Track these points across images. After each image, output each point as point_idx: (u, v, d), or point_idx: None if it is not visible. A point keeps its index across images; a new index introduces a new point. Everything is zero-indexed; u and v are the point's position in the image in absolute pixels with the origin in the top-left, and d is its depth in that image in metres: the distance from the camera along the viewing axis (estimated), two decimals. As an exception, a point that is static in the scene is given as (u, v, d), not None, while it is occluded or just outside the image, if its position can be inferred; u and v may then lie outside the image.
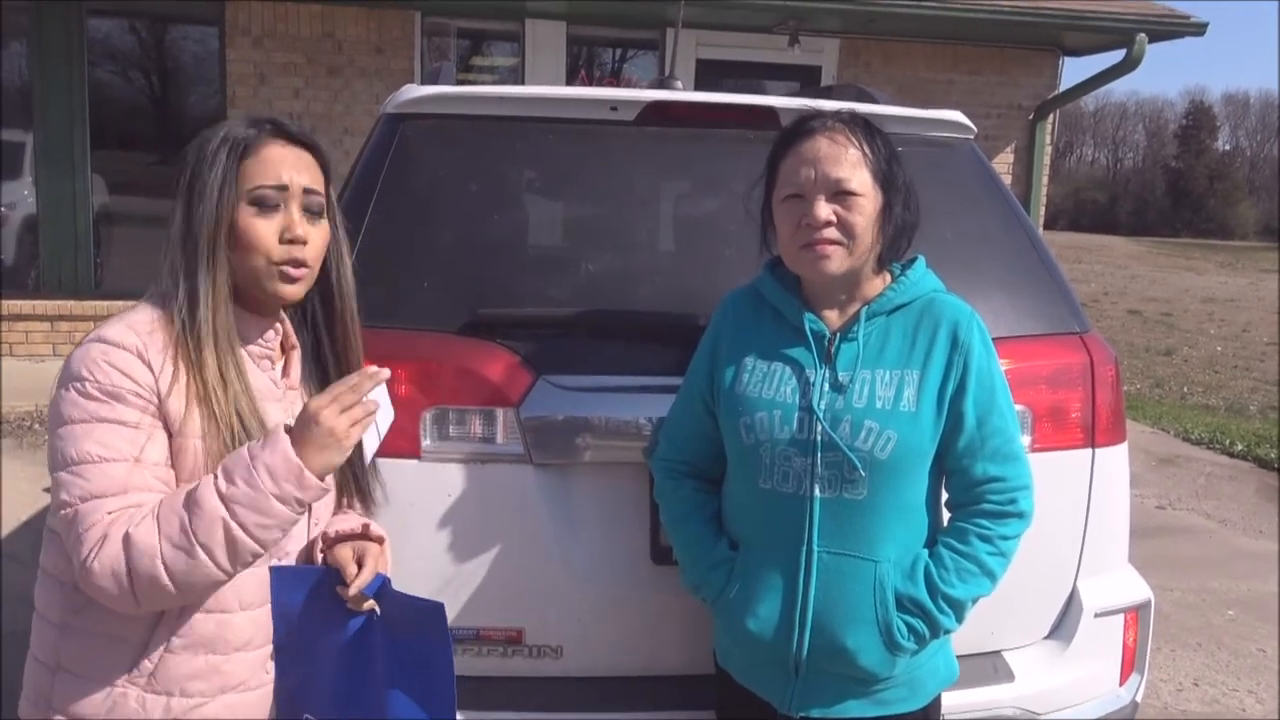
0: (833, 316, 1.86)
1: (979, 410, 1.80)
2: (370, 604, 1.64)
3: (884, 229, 1.80)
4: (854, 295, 1.85)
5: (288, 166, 1.57)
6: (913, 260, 1.90)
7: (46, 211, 8.28)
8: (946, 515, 1.88)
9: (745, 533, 1.89)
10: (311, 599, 1.62)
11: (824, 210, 1.75)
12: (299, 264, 1.57)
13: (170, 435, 1.49)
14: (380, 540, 1.68)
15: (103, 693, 1.50)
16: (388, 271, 2.19)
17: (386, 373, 1.51)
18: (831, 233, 1.76)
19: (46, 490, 5.38)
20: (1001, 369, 1.86)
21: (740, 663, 1.94)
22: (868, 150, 1.78)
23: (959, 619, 1.81)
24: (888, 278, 1.88)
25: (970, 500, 1.82)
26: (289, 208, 1.56)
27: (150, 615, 1.50)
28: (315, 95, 8.44)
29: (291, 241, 1.56)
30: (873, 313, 1.83)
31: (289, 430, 1.46)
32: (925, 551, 1.82)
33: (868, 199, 1.77)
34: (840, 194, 1.76)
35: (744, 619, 1.86)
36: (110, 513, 1.41)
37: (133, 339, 1.47)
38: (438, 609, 1.61)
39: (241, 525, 1.40)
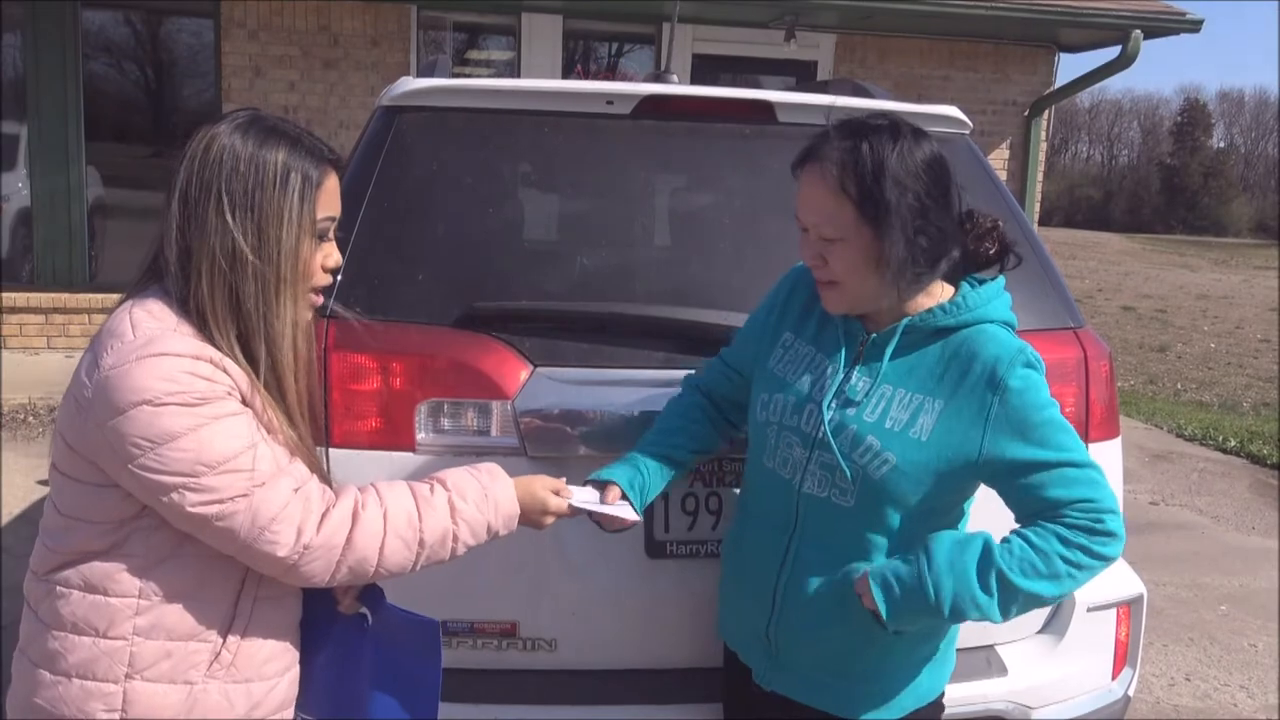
0: (876, 323, 1.78)
1: (1033, 450, 1.64)
2: (360, 608, 1.65)
3: (884, 260, 1.66)
4: (897, 310, 1.75)
5: (337, 197, 1.59)
6: (991, 279, 1.79)
7: (41, 204, 8.27)
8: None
9: (749, 505, 1.92)
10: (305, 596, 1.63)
11: (811, 255, 1.72)
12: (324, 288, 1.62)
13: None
14: None
15: (183, 692, 1.49)
16: (383, 264, 2.19)
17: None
18: (823, 274, 1.73)
19: (41, 483, 5.40)
20: (1055, 404, 1.69)
21: (731, 628, 1.97)
22: (849, 185, 1.64)
23: (960, 611, 1.63)
24: (948, 293, 1.76)
25: (1050, 520, 1.66)
26: (331, 238, 1.59)
27: (226, 609, 1.52)
28: (311, 88, 8.43)
29: (333, 269, 1.60)
30: (911, 327, 1.74)
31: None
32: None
33: (847, 242, 1.67)
34: (822, 239, 1.70)
35: (734, 590, 1.92)
36: (296, 490, 1.46)
37: (205, 349, 1.43)
38: (432, 627, 1.63)
39: (456, 539, 1.58)
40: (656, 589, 2.19)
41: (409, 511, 1.54)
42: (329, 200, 1.56)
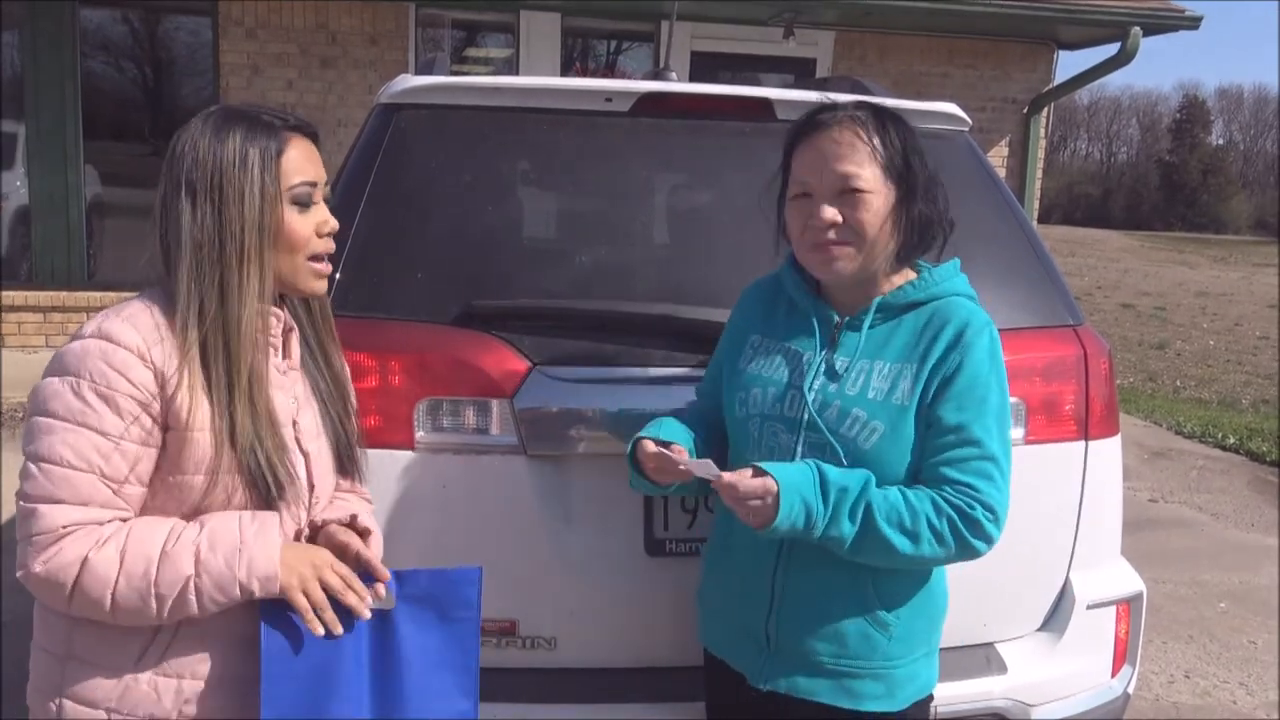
0: (846, 308, 1.83)
1: (961, 416, 1.69)
2: (387, 599, 1.62)
3: (899, 225, 1.74)
4: (870, 291, 1.80)
5: (312, 162, 1.61)
6: (946, 261, 1.84)
7: (39, 203, 8.26)
8: None
9: None
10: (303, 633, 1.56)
11: (829, 212, 1.71)
12: (329, 256, 1.63)
13: (169, 430, 1.50)
14: (365, 533, 1.68)
15: (114, 680, 1.53)
16: (382, 262, 2.19)
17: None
18: (838, 234, 1.72)
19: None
20: (1004, 388, 1.75)
21: (717, 634, 1.95)
22: (879, 144, 1.72)
23: (830, 535, 1.66)
24: (911, 275, 1.83)
25: (931, 487, 1.72)
26: (318, 202, 1.61)
27: None
28: (309, 87, 8.42)
29: (328, 234, 1.62)
30: (884, 305, 1.79)
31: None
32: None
33: (877, 195, 1.71)
34: (847, 192, 1.71)
35: (724, 593, 1.90)
36: (65, 526, 1.44)
37: (135, 338, 1.47)
38: (471, 576, 1.64)
39: (199, 592, 1.47)
40: (656, 587, 2.19)
41: (149, 560, 1.45)
42: (298, 165, 1.58)
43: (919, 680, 1.85)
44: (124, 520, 1.49)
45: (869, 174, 1.71)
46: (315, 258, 1.61)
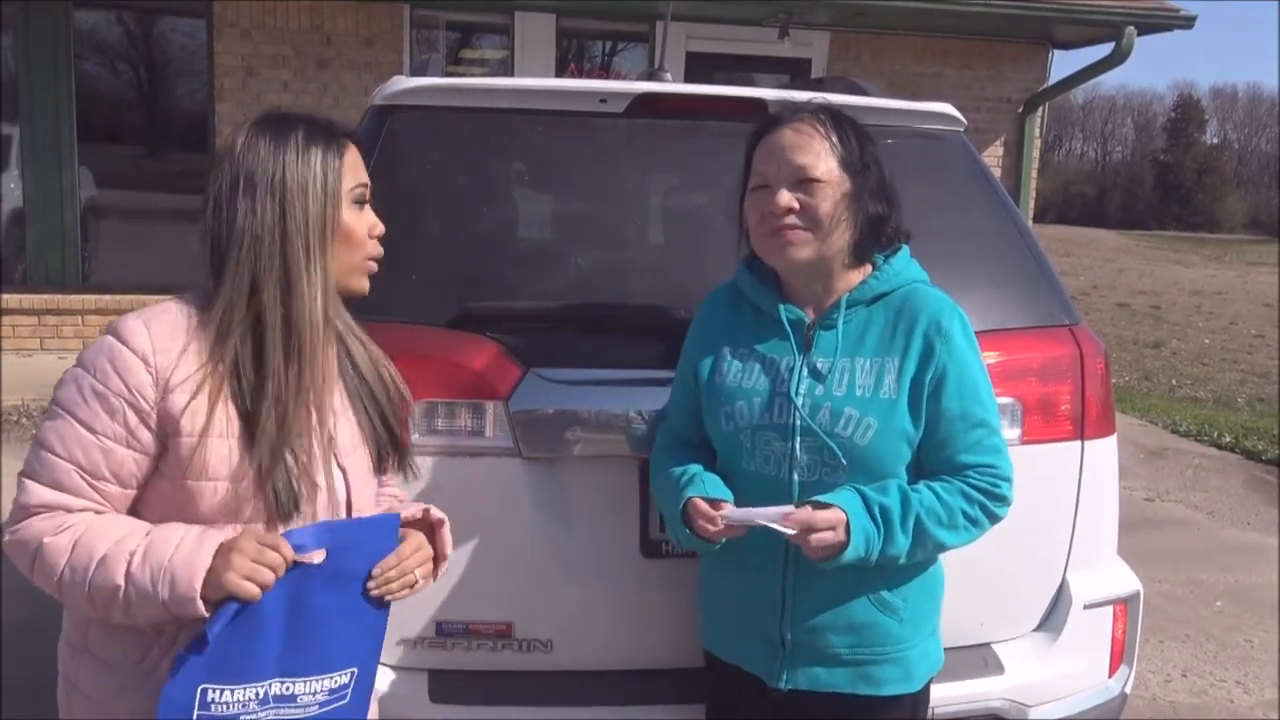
0: (811, 307, 1.86)
1: (962, 403, 1.78)
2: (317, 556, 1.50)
3: (854, 219, 1.79)
4: (830, 287, 1.84)
5: (364, 166, 1.64)
6: (896, 251, 1.88)
7: (33, 205, 8.24)
8: None
9: None
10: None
11: (785, 198, 1.77)
12: (378, 259, 1.66)
13: (173, 435, 1.48)
14: (440, 523, 1.71)
15: (117, 679, 1.55)
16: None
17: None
18: (795, 219, 1.77)
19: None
20: (984, 363, 1.85)
21: (726, 640, 1.95)
22: (834, 138, 1.79)
23: (906, 551, 1.74)
24: (869, 269, 1.86)
25: (954, 476, 1.80)
26: (368, 204, 1.64)
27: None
28: (304, 88, 8.41)
29: (378, 237, 1.65)
30: (853, 301, 1.83)
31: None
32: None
33: (833, 185, 1.77)
34: (804, 181, 1.76)
35: (731, 598, 1.90)
36: (36, 506, 1.50)
37: (144, 341, 1.48)
38: (389, 522, 1.57)
39: (129, 602, 1.45)
40: (652, 589, 2.18)
41: (91, 559, 1.45)
42: (356, 168, 1.61)
43: (930, 659, 1.91)
44: (98, 513, 1.51)
45: (825, 165, 1.77)
46: (369, 258, 1.64)
